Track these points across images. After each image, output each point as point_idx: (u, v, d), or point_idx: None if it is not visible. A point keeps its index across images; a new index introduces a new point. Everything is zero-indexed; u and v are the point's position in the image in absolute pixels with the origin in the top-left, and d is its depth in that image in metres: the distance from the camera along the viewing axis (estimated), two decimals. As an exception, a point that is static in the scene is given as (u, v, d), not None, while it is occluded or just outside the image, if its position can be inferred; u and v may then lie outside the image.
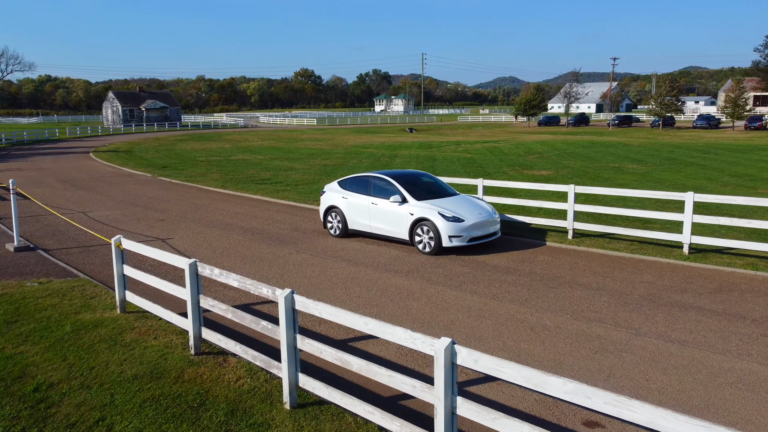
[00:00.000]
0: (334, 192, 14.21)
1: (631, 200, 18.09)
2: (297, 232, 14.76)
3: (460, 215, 11.97)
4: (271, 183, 24.91)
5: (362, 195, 13.47)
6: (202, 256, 12.40)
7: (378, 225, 13.06)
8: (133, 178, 27.92)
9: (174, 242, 13.85)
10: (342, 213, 13.82)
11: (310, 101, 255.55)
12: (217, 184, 24.77)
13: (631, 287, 9.76)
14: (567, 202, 13.09)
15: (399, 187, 12.80)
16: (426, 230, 12.06)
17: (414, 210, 12.29)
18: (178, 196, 21.58)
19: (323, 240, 13.83)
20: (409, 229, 12.39)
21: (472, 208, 12.37)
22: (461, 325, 8.22)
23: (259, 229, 15.22)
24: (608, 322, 8.25)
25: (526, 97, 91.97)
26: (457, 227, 11.80)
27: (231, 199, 20.89)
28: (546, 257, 11.80)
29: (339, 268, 11.33)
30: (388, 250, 12.69)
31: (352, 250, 12.79)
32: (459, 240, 11.85)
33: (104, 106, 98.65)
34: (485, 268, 11.03)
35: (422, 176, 13.86)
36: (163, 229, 15.49)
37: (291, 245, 13.35)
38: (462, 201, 12.75)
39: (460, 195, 13.31)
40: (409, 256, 12.06)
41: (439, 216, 11.89)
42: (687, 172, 27.05)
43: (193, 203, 19.87)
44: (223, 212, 17.99)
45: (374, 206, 13.09)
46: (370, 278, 10.59)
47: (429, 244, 12.05)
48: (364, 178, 13.70)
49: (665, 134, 62.75)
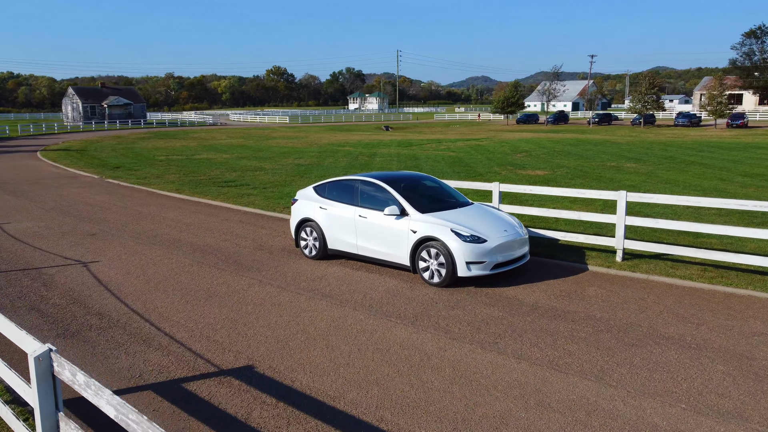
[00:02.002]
0: (308, 200, 11.01)
1: (684, 210, 15.20)
2: (262, 252, 11.51)
3: (481, 233, 8.87)
4: (236, 185, 21.56)
5: (346, 205, 10.30)
6: (130, 291, 9.10)
7: (368, 245, 9.90)
8: (77, 180, 24.26)
9: (98, 267, 10.50)
10: (319, 228, 10.63)
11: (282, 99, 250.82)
12: (172, 187, 21.30)
13: (746, 344, 6.75)
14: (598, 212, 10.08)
15: (396, 195, 9.65)
16: (434, 254, 8.93)
17: (417, 226, 9.15)
18: (122, 203, 18.10)
19: (295, 263, 10.62)
20: (410, 252, 9.24)
21: (495, 223, 9.28)
22: (520, 426, 5.11)
23: (213, 248, 11.93)
24: (754, 419, 5.21)
25: (504, 95, 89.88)
26: (477, 250, 8.69)
27: (185, 205, 17.50)
28: (598, 290, 8.76)
29: (317, 309, 8.14)
30: (383, 279, 9.53)
31: (334, 279, 9.60)
32: (480, 267, 8.74)
33: (64, 102, 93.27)
34: (522, 310, 7.95)
35: (423, 180, 10.74)
36: (89, 247, 12.10)
37: (253, 272, 10.10)
38: (479, 213, 9.65)
39: (474, 204, 10.21)
40: (413, 290, 8.91)
41: (453, 235, 8.77)
42: (693, 172, 24.48)
43: (138, 212, 16.45)
44: (173, 223, 14.63)
45: (362, 220, 9.92)
46: (361, 328, 7.43)
47: (438, 272, 8.93)
48: (347, 183, 10.53)
49: (648, 132, 60.69)
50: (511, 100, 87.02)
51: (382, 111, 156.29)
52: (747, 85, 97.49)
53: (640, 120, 75.32)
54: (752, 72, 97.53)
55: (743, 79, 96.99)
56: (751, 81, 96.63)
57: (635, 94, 76.93)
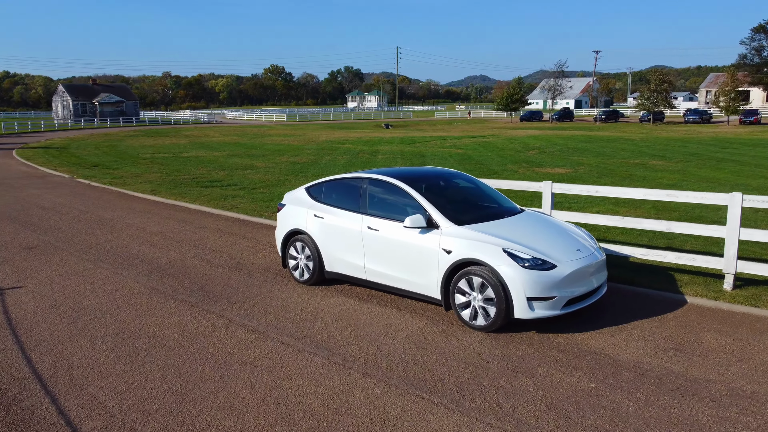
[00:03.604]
0: (299, 206, 8.28)
1: None
2: (238, 274, 8.78)
3: (547, 255, 6.13)
4: (222, 186, 18.84)
5: (349, 212, 7.56)
6: (45, 336, 6.36)
7: (380, 268, 7.15)
8: (44, 180, 21.49)
9: (16, 297, 7.77)
10: (314, 244, 7.90)
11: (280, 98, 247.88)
12: (148, 188, 18.56)
13: None
14: (701, 223, 7.39)
15: (419, 200, 6.90)
16: (479, 284, 6.17)
17: (453, 244, 6.39)
18: (84, 206, 15.36)
19: (281, 291, 7.89)
20: (442, 281, 6.48)
21: (562, 240, 6.54)
22: None
23: (176, 267, 9.20)
24: None
25: (507, 91, 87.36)
26: (544, 280, 5.94)
27: (157, 209, 14.76)
28: (720, 338, 6.01)
29: (308, 374, 5.41)
30: (403, 318, 6.80)
31: (333, 317, 6.86)
32: (547, 306, 5.99)
33: (54, 100, 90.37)
34: (622, 377, 5.22)
35: (454, 178, 8.00)
36: (19, 266, 9.36)
37: (222, 304, 7.37)
38: (537, 224, 6.91)
39: (526, 212, 7.47)
40: (448, 337, 6.17)
41: (506, 257, 6.02)
42: (730, 170, 21.89)
43: (99, 217, 13.71)
44: (135, 232, 11.90)
45: (373, 234, 7.18)
46: (378, 414, 4.70)
47: (485, 311, 6.18)
48: (351, 183, 7.80)
49: (659, 129, 57.96)
50: (514, 96, 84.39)
51: (382, 109, 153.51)
52: (756, 81, 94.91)
53: (649, 117, 72.95)
54: (762, 68, 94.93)
55: (752, 75, 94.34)
56: (760, 77, 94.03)
57: (644, 90, 74.70)
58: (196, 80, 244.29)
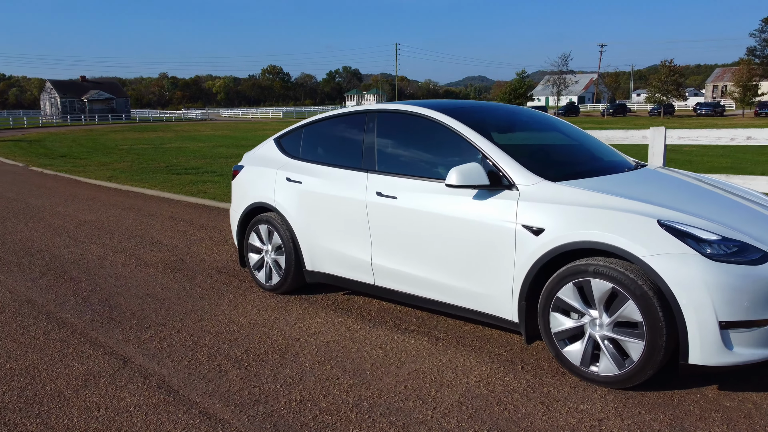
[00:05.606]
0: (265, 167, 5.17)
1: None
2: (174, 276, 5.69)
3: (745, 232, 3.05)
4: (198, 173, 15.81)
5: (345, 170, 4.47)
6: None
7: (399, 266, 4.05)
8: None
9: None
10: (287, 226, 4.81)
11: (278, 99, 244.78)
12: (106, 175, 15.52)
13: None
14: None
15: (474, 139, 3.78)
16: (606, 295, 3.08)
17: (545, 214, 3.29)
18: (16, 194, 12.29)
19: (232, 307, 4.79)
20: (524, 287, 3.39)
21: (746, 211, 3.47)
22: None
23: (85, 266, 6.11)
24: None
25: (511, 86, 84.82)
26: (754, 284, 2.84)
27: (104, 196, 11.68)
28: None
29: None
30: (446, 357, 3.70)
31: (317, 357, 3.76)
32: (759, 339, 2.89)
33: (42, 98, 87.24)
34: None
35: (519, 115, 4.90)
36: None
37: (124, 330, 4.27)
38: (681, 185, 3.84)
39: (647, 167, 4.38)
40: (548, 410, 3.08)
41: (671, 238, 2.92)
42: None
43: (27, 204, 10.63)
44: (59, 221, 8.80)
45: (385, 205, 4.07)
46: None
47: (619, 353, 3.09)
48: (347, 122, 4.68)
49: (672, 122, 54.94)
50: (518, 91, 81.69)
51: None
52: (766, 73, 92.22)
53: (659, 110, 70.14)
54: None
55: (763, 67, 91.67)
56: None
57: (654, 81, 72.15)
58: (193, 81, 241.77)
